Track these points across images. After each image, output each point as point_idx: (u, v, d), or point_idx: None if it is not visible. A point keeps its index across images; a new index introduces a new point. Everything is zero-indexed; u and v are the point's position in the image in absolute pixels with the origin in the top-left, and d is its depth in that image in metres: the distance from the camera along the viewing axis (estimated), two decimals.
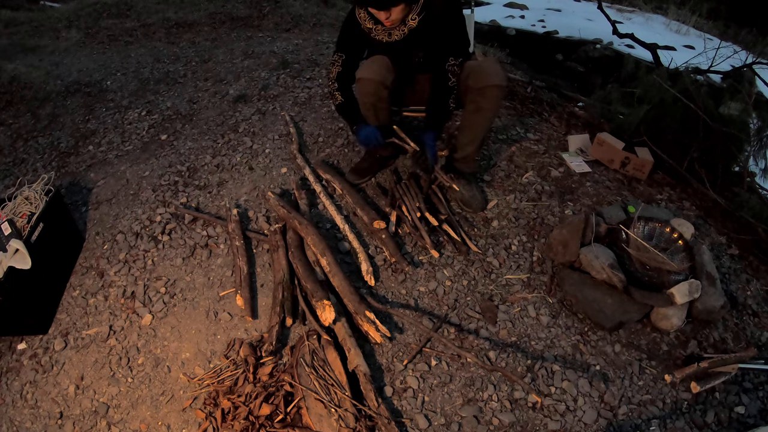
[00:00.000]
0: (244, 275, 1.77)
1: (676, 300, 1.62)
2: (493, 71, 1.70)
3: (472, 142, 1.90)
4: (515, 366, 1.58)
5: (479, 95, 1.73)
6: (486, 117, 1.80)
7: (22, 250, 1.62)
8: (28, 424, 1.54)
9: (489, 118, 1.81)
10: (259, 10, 4.50)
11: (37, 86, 3.20)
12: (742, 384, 1.59)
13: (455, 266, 1.85)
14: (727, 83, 2.41)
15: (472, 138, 1.88)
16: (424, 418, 1.45)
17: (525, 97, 2.85)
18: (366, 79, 1.75)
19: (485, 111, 1.77)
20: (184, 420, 1.48)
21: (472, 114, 1.81)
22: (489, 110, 1.77)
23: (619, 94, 2.63)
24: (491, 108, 1.76)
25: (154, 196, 2.21)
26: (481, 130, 1.85)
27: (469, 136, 1.89)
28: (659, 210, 2.00)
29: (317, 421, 1.39)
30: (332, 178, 2.14)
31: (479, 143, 1.91)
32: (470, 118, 1.83)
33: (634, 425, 1.46)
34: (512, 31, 5.51)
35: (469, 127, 1.86)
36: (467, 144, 1.91)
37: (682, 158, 2.21)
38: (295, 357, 1.53)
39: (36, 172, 2.51)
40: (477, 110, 1.78)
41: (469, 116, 1.83)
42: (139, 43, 4.03)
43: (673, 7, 6.12)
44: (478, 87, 1.71)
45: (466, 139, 1.90)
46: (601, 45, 4.79)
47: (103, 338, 1.70)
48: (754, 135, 2.25)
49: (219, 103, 2.91)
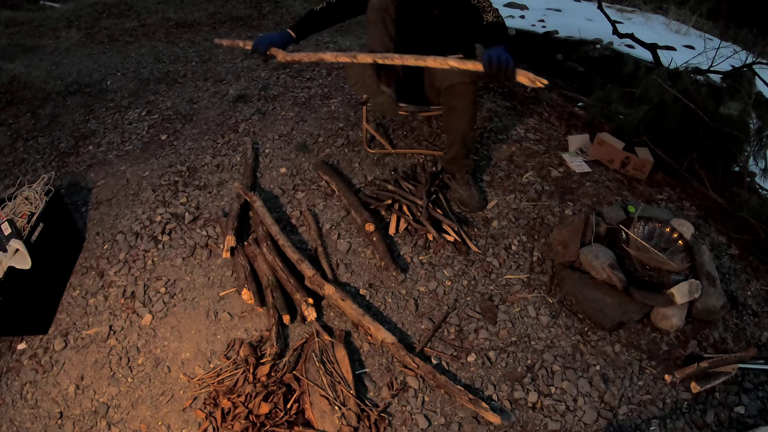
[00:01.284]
0: (248, 271, 1.77)
1: (676, 300, 1.62)
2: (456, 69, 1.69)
3: (455, 143, 1.90)
4: (515, 366, 1.58)
5: (447, 95, 1.73)
6: (461, 116, 1.78)
7: (22, 250, 1.62)
8: (28, 424, 1.54)
9: (464, 117, 1.79)
10: (259, 10, 4.50)
11: (37, 86, 3.20)
12: (742, 384, 1.59)
13: (455, 266, 1.85)
14: (727, 83, 2.41)
15: (454, 138, 1.89)
16: (424, 418, 1.45)
17: (525, 97, 2.85)
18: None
19: (458, 110, 1.76)
20: (184, 420, 1.48)
21: (447, 114, 1.82)
22: (462, 108, 1.76)
23: (619, 94, 2.62)
24: (463, 105, 1.75)
25: (154, 196, 2.21)
26: (460, 130, 1.84)
27: (451, 137, 1.90)
28: (659, 210, 2.00)
29: (320, 417, 1.39)
30: (331, 179, 2.14)
31: (462, 143, 1.90)
32: (446, 119, 1.85)
33: (634, 425, 1.46)
34: (512, 31, 5.51)
35: (448, 128, 1.88)
36: (451, 145, 1.93)
37: (682, 158, 2.21)
38: (305, 353, 1.55)
39: (36, 172, 2.51)
40: (450, 110, 1.78)
41: (446, 117, 1.85)
42: (139, 43, 4.02)
43: (673, 7, 6.12)
44: (445, 86, 1.71)
45: (449, 140, 1.92)
46: (601, 45, 4.78)
47: (103, 338, 1.70)
48: (754, 135, 2.25)
49: (219, 103, 2.91)
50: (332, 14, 1.84)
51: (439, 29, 1.78)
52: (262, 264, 1.78)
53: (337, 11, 1.83)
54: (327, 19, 1.84)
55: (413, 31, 1.79)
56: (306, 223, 2.02)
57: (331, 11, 1.83)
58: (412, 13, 1.76)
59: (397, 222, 1.94)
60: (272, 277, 1.73)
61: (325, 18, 1.83)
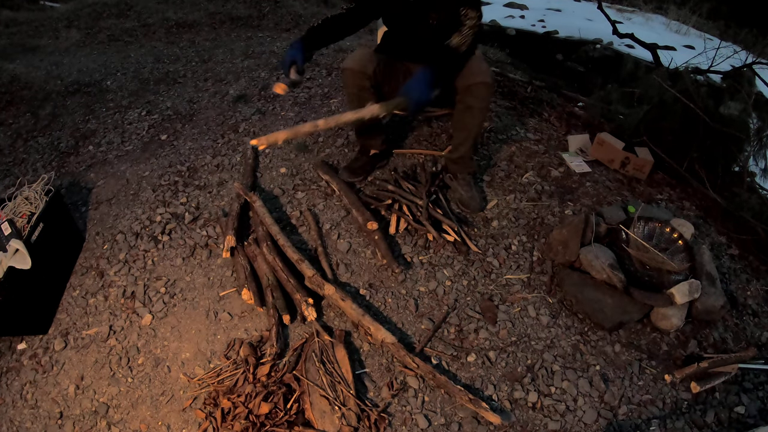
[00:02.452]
0: (248, 271, 1.77)
1: (676, 300, 1.62)
2: (478, 69, 1.72)
3: (465, 142, 1.91)
4: (515, 366, 1.58)
5: (467, 94, 1.75)
6: (475, 115, 1.81)
7: (22, 250, 1.62)
8: (28, 424, 1.54)
9: (479, 117, 1.82)
10: (259, 10, 4.50)
11: (37, 86, 3.20)
12: (742, 384, 1.59)
13: (455, 266, 1.85)
14: (727, 83, 2.41)
15: (465, 137, 1.90)
16: (424, 418, 1.45)
17: (525, 97, 2.85)
18: (347, 69, 1.82)
19: (474, 109, 1.79)
20: (184, 420, 1.48)
21: (462, 113, 1.83)
22: (478, 108, 1.78)
23: (619, 94, 2.63)
24: (480, 106, 1.78)
25: (154, 196, 2.21)
26: (472, 129, 1.86)
27: (462, 136, 1.91)
28: (659, 210, 2.00)
29: (320, 417, 1.39)
30: (331, 179, 2.14)
31: (472, 143, 1.92)
32: (460, 117, 1.85)
33: (634, 425, 1.46)
34: (512, 31, 5.51)
35: (461, 126, 1.88)
36: (461, 144, 1.93)
37: (682, 158, 2.21)
38: (305, 353, 1.55)
39: (36, 172, 2.51)
40: (466, 109, 1.80)
41: (460, 115, 1.85)
42: (139, 43, 4.03)
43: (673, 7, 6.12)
44: (465, 85, 1.73)
45: (459, 139, 1.93)
46: (601, 45, 4.78)
47: (103, 338, 1.70)
48: (754, 135, 2.25)
49: (219, 103, 2.91)
50: (346, 22, 1.82)
51: (436, 33, 1.79)
52: (262, 264, 1.77)
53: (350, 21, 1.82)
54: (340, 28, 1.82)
55: (410, 35, 1.80)
56: (306, 223, 2.02)
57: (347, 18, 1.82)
58: (409, 17, 1.77)
59: (398, 222, 1.94)
60: (272, 277, 1.73)
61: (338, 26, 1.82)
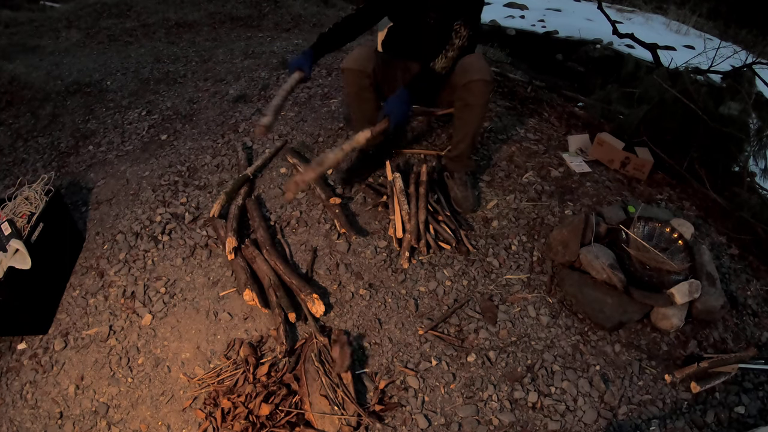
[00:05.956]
0: (248, 273, 1.76)
1: (676, 300, 1.62)
2: (477, 67, 1.72)
3: (464, 140, 1.92)
4: (515, 366, 1.58)
5: (465, 91, 1.75)
6: (474, 113, 1.81)
7: (22, 250, 1.62)
8: (28, 424, 1.54)
9: (478, 114, 1.82)
10: (259, 10, 4.50)
11: (37, 86, 3.20)
12: (742, 384, 1.59)
13: (455, 266, 1.85)
14: (727, 83, 2.41)
15: (464, 135, 1.90)
16: (424, 418, 1.45)
17: (525, 97, 2.85)
18: (347, 69, 1.82)
19: (473, 107, 1.79)
20: (184, 420, 1.48)
21: (461, 111, 1.84)
22: (476, 106, 1.78)
23: (619, 94, 2.63)
24: (478, 103, 1.78)
25: (154, 196, 2.21)
26: (471, 127, 1.87)
27: (461, 134, 1.91)
28: (659, 210, 2.00)
29: (319, 417, 1.39)
30: (299, 163, 2.18)
31: (471, 141, 1.93)
32: (459, 115, 1.86)
33: (634, 425, 1.46)
34: (512, 31, 5.52)
35: (460, 124, 1.89)
36: (459, 141, 1.94)
37: (682, 158, 2.21)
38: (304, 353, 1.55)
39: (36, 172, 2.51)
40: (465, 106, 1.80)
41: (458, 113, 1.86)
42: (139, 43, 4.03)
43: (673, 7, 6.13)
44: (463, 83, 1.74)
45: (458, 136, 1.93)
46: (601, 45, 4.79)
47: (103, 338, 1.70)
48: (754, 135, 2.25)
49: (219, 103, 2.91)
50: (358, 22, 1.86)
51: (435, 32, 1.79)
52: (261, 265, 1.77)
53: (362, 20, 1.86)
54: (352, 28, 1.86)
55: (411, 32, 1.80)
56: (306, 222, 2.02)
57: (360, 18, 1.85)
58: (412, 14, 1.77)
59: (403, 224, 1.94)
60: (274, 277, 1.73)
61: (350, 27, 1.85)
